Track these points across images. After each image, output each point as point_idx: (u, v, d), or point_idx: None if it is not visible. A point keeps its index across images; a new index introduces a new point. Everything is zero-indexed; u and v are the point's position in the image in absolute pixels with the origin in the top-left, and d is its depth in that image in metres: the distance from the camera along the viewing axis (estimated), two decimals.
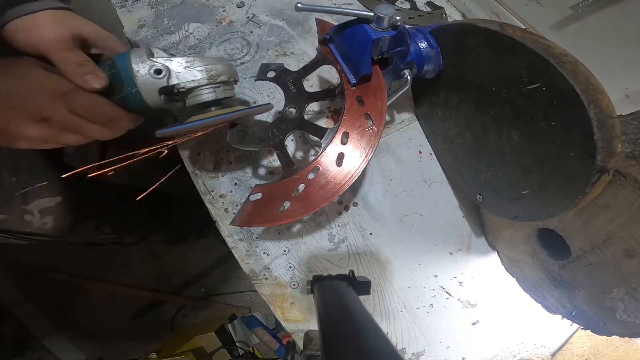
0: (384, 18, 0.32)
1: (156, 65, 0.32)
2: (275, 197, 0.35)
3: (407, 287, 0.45)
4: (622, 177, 0.29)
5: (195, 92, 0.34)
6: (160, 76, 0.32)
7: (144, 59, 0.32)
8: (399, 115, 0.52)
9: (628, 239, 0.30)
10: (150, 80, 0.32)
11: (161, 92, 0.33)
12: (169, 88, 0.33)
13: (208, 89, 0.34)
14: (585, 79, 0.27)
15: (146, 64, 0.32)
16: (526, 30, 0.32)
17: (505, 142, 0.35)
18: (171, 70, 0.33)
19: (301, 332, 0.42)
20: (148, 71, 0.31)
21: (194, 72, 0.33)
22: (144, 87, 0.32)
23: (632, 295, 0.32)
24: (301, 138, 0.49)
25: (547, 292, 0.42)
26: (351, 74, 0.37)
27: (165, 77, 0.32)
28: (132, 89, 0.31)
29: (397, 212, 0.47)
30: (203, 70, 0.34)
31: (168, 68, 0.32)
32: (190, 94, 0.34)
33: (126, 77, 0.31)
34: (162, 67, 0.32)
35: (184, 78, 0.33)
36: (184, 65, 0.33)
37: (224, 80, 0.35)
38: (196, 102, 0.34)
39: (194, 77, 0.33)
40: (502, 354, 0.46)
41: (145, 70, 0.31)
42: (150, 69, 0.31)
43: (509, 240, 0.45)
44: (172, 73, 0.33)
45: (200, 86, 0.34)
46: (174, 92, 0.34)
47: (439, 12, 0.60)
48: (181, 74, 0.33)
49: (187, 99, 0.35)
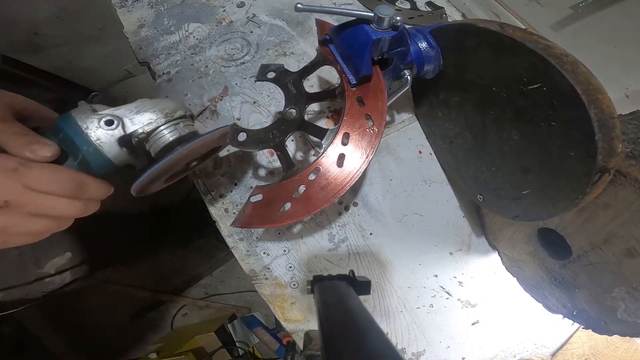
0: (384, 18, 0.32)
1: (105, 117, 0.29)
2: (275, 198, 0.35)
3: (407, 287, 0.45)
4: (623, 177, 0.29)
5: (156, 135, 0.31)
6: (113, 126, 0.29)
7: (88, 114, 0.29)
8: (399, 115, 0.52)
9: (629, 238, 0.30)
10: (104, 133, 0.29)
11: (121, 143, 0.30)
12: (127, 137, 0.30)
13: (168, 129, 0.32)
14: (586, 79, 0.27)
15: (93, 118, 0.29)
16: (526, 30, 0.32)
17: (506, 142, 0.35)
18: (122, 118, 0.30)
19: (301, 332, 0.42)
20: (98, 124, 0.29)
21: (147, 114, 0.31)
22: (100, 142, 0.29)
23: (633, 295, 0.32)
24: (301, 138, 0.49)
25: (548, 292, 0.42)
26: (351, 75, 0.37)
27: (120, 126, 0.30)
28: (89, 148, 0.29)
29: (397, 212, 0.47)
30: (155, 110, 0.31)
31: (118, 117, 0.30)
32: (152, 139, 0.31)
33: (77, 137, 0.28)
34: (112, 116, 0.30)
35: (139, 122, 0.31)
36: (133, 111, 0.31)
37: (181, 115, 0.33)
38: (160, 145, 0.31)
39: (150, 119, 0.31)
40: (502, 354, 0.46)
41: (95, 124, 0.29)
42: (99, 121, 0.29)
43: (510, 240, 0.45)
44: (124, 121, 0.30)
45: (158, 127, 0.31)
46: (134, 142, 0.31)
47: (439, 12, 0.60)
48: (135, 119, 0.31)
49: (151, 147, 0.32)
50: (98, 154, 0.29)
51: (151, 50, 0.54)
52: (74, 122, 0.29)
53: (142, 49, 0.54)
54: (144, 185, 0.31)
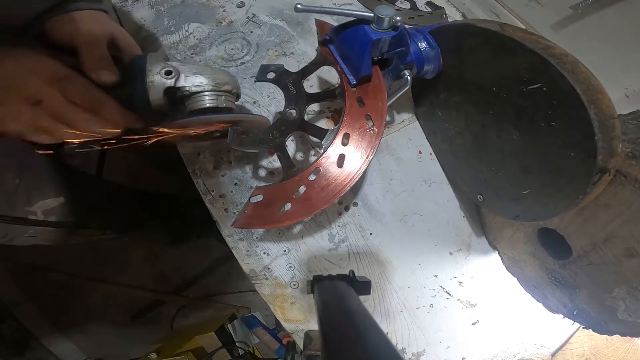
0: (384, 19, 0.32)
1: (168, 67, 0.34)
2: (276, 198, 0.35)
3: (407, 287, 0.45)
4: (623, 177, 0.29)
5: (198, 97, 0.35)
6: (169, 77, 0.33)
7: (159, 60, 0.34)
8: (399, 115, 0.52)
9: (629, 238, 0.31)
10: (159, 78, 0.33)
11: (166, 92, 0.34)
12: (174, 90, 0.34)
13: (210, 96, 0.35)
14: (586, 79, 0.27)
15: (159, 65, 0.34)
16: (526, 30, 0.32)
17: (506, 142, 0.35)
18: (180, 73, 0.34)
19: (301, 332, 0.42)
20: (159, 71, 0.33)
21: (201, 78, 0.35)
22: (152, 85, 0.33)
23: (633, 295, 0.32)
24: (301, 138, 0.49)
25: (548, 292, 0.42)
26: (351, 75, 0.37)
27: (174, 79, 0.34)
28: (140, 85, 0.33)
29: (397, 212, 0.47)
30: (209, 77, 0.35)
31: (178, 71, 0.34)
32: (193, 98, 0.35)
33: (138, 73, 0.33)
34: (173, 69, 0.34)
35: (191, 82, 0.34)
36: (193, 71, 0.35)
37: (227, 89, 0.36)
38: (197, 107, 0.35)
39: (200, 83, 0.35)
40: (502, 354, 0.46)
41: (157, 70, 0.33)
42: (162, 69, 0.33)
43: (510, 240, 0.45)
44: (180, 76, 0.34)
45: (203, 91, 0.35)
46: (178, 95, 0.35)
47: (439, 12, 0.60)
48: (189, 78, 0.34)
49: (189, 103, 0.35)
50: (143, 94, 0.33)
51: (151, 50, 0.54)
52: (143, 63, 0.33)
53: (142, 49, 0.54)
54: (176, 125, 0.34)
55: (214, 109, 0.35)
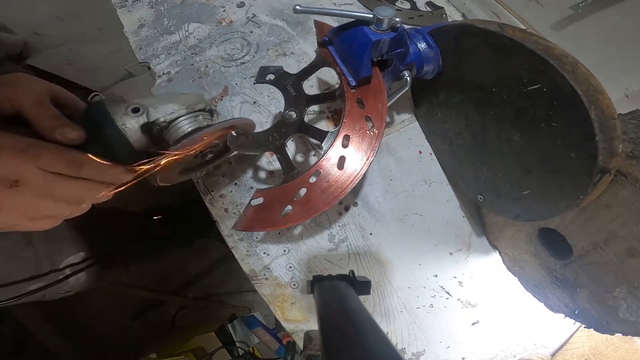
0: (383, 20, 0.32)
1: (132, 105, 0.31)
2: (276, 201, 0.35)
3: (407, 287, 0.45)
4: (623, 177, 0.29)
5: (176, 124, 0.33)
6: (139, 113, 0.31)
7: (117, 102, 0.32)
8: (399, 115, 0.52)
9: (629, 238, 0.31)
10: (129, 119, 0.31)
11: (143, 130, 0.32)
12: (150, 125, 0.32)
13: (188, 119, 0.34)
14: (586, 80, 0.27)
15: (122, 105, 0.31)
16: (526, 31, 0.32)
17: (506, 143, 0.35)
18: (147, 107, 0.32)
19: (301, 332, 0.42)
20: (126, 111, 0.31)
21: (171, 104, 0.33)
22: (125, 127, 0.31)
23: (634, 294, 0.32)
24: (301, 139, 0.49)
25: (549, 292, 0.42)
26: (351, 76, 0.37)
27: (144, 114, 0.32)
28: (114, 131, 0.30)
29: (397, 212, 0.47)
30: (179, 101, 0.34)
31: (144, 105, 0.32)
32: (171, 128, 0.33)
33: (105, 121, 0.30)
34: (138, 105, 0.32)
35: (163, 112, 0.33)
36: (159, 101, 0.33)
37: (201, 108, 0.35)
38: (180, 134, 0.33)
39: (172, 109, 0.33)
40: (502, 354, 0.46)
41: (122, 111, 0.31)
42: (127, 108, 0.31)
43: (511, 240, 0.45)
44: (149, 110, 0.32)
45: (179, 117, 0.33)
46: (155, 129, 0.33)
47: (439, 13, 0.60)
48: (159, 108, 0.32)
49: (170, 136, 0.33)
50: (122, 138, 0.31)
51: (151, 50, 0.54)
52: (103, 108, 0.31)
53: (142, 49, 0.54)
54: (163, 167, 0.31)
55: (195, 130, 0.33)
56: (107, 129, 0.30)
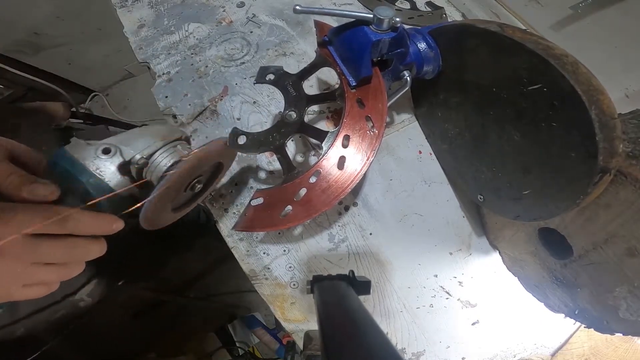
0: (383, 20, 0.32)
1: (100, 146, 0.28)
2: (276, 201, 0.35)
3: (407, 287, 0.45)
4: (623, 177, 0.29)
5: (155, 161, 0.30)
6: (111, 154, 0.28)
7: (83, 146, 0.28)
8: (399, 115, 0.52)
9: (630, 238, 0.30)
10: (102, 162, 0.28)
11: (121, 171, 0.29)
12: (127, 165, 0.29)
13: (165, 152, 0.30)
14: (586, 80, 0.27)
15: (89, 149, 0.28)
16: (526, 31, 0.32)
17: (506, 143, 0.35)
18: (118, 146, 0.29)
19: (301, 332, 0.42)
20: (95, 154, 0.28)
21: (143, 140, 0.30)
22: (100, 171, 0.28)
23: (634, 294, 0.32)
24: (301, 139, 0.49)
25: (549, 291, 0.42)
26: (351, 76, 0.37)
27: (117, 153, 0.28)
28: (89, 179, 0.27)
29: (397, 212, 0.47)
30: (151, 135, 0.30)
31: (114, 145, 0.29)
32: (151, 166, 0.30)
33: (76, 169, 0.27)
34: (107, 145, 0.28)
35: (136, 148, 0.29)
36: (131, 137, 0.30)
37: (177, 137, 0.32)
38: (162, 169, 0.30)
39: (147, 144, 0.30)
40: (502, 354, 0.46)
41: (92, 154, 0.28)
42: (96, 151, 0.28)
43: (511, 240, 0.45)
44: (121, 148, 0.29)
45: (156, 151, 0.30)
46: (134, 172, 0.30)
47: (439, 12, 0.60)
48: (131, 145, 0.29)
49: (151, 175, 0.30)
50: (100, 184, 0.27)
51: (151, 50, 0.54)
52: (69, 156, 0.27)
53: (142, 49, 0.54)
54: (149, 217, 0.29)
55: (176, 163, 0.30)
56: (81, 178, 0.27)
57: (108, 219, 0.28)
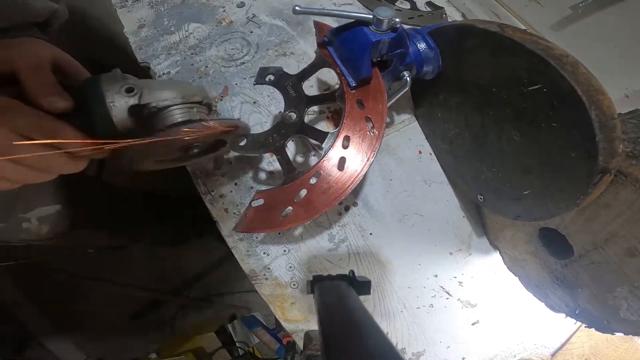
0: (383, 20, 0.32)
1: (128, 84, 0.30)
2: (277, 202, 0.35)
3: (407, 287, 0.45)
4: (623, 177, 0.29)
5: (167, 112, 0.31)
6: (132, 94, 0.30)
7: (115, 79, 0.30)
8: (399, 115, 0.52)
9: (630, 238, 0.31)
10: (120, 98, 0.30)
11: (131, 111, 0.30)
12: (140, 107, 0.31)
13: (181, 109, 0.32)
14: (586, 80, 0.27)
15: (118, 83, 0.30)
16: (526, 31, 0.32)
17: (506, 143, 0.35)
18: (143, 89, 0.31)
19: (301, 332, 0.42)
20: (119, 90, 0.30)
21: (167, 92, 0.31)
22: (113, 106, 0.29)
23: (635, 294, 0.32)
24: (301, 140, 0.49)
25: (550, 291, 0.42)
26: (351, 77, 0.37)
27: (137, 95, 0.30)
28: (100, 108, 0.29)
29: (397, 212, 0.47)
30: (176, 90, 0.32)
31: (140, 87, 0.30)
32: (162, 114, 0.31)
33: (94, 96, 0.29)
34: (135, 86, 0.30)
35: (156, 97, 0.31)
36: (157, 86, 0.31)
37: (197, 100, 0.33)
38: (168, 123, 0.31)
39: (167, 97, 0.31)
40: (502, 354, 0.46)
41: (116, 89, 0.30)
42: (121, 87, 0.30)
43: (511, 240, 0.45)
44: (144, 92, 0.30)
45: (172, 105, 0.31)
46: (145, 113, 0.31)
47: (439, 13, 0.60)
48: (153, 93, 0.31)
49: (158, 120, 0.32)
50: (106, 116, 0.29)
51: (151, 50, 0.54)
52: (98, 84, 0.30)
53: (142, 49, 0.54)
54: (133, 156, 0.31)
55: (185, 122, 0.31)
56: (94, 104, 0.29)
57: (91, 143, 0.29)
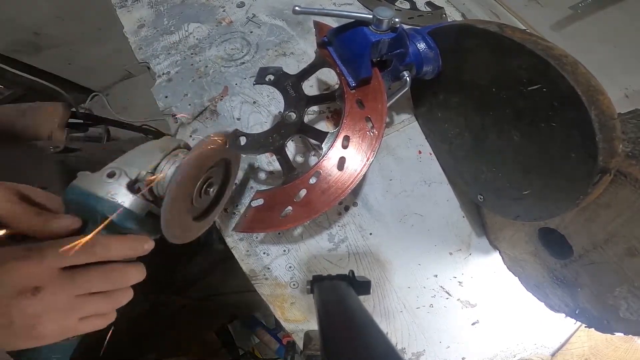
0: (383, 20, 0.32)
1: (105, 171, 0.29)
2: (277, 202, 0.35)
3: (406, 287, 0.45)
4: (623, 177, 0.29)
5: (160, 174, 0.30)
6: (116, 176, 0.29)
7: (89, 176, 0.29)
8: (399, 115, 0.52)
9: (630, 238, 0.30)
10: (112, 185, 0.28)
11: (131, 189, 0.29)
12: (134, 183, 0.30)
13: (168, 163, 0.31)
14: (586, 80, 0.27)
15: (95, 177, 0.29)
16: (525, 31, 0.32)
17: (506, 143, 0.35)
18: (121, 167, 0.29)
19: (301, 332, 0.42)
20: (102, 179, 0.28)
21: (143, 156, 0.30)
22: (112, 194, 0.28)
23: (634, 294, 0.32)
24: (301, 140, 0.49)
25: (550, 291, 0.42)
26: (350, 77, 0.37)
27: (123, 174, 0.29)
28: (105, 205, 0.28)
29: (397, 212, 0.47)
30: (149, 150, 0.31)
31: (117, 167, 0.29)
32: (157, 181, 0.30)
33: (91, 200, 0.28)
34: (110, 168, 0.29)
35: (138, 165, 0.30)
36: (128, 157, 0.31)
37: (175, 146, 0.32)
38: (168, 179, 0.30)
39: (148, 159, 0.30)
40: (502, 354, 0.46)
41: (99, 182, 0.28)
42: (102, 176, 0.28)
43: (511, 240, 0.45)
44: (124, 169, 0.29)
45: (159, 164, 0.31)
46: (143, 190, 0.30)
47: (438, 13, 0.60)
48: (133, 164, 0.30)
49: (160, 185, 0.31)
50: (115, 206, 0.28)
51: (151, 50, 0.54)
52: (80, 188, 0.28)
53: (142, 49, 0.54)
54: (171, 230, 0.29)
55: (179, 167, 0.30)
56: (97, 206, 0.27)
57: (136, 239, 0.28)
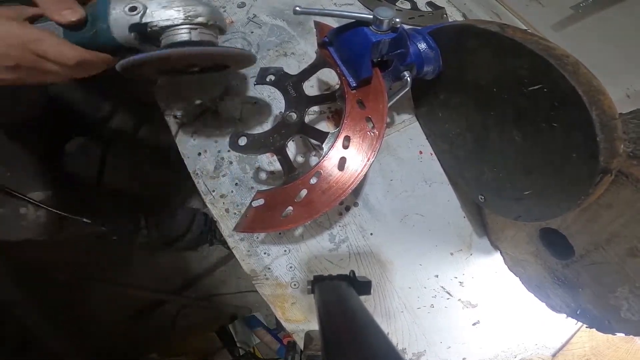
0: (383, 20, 0.32)
1: (133, 3, 0.32)
2: (277, 202, 0.35)
3: (407, 287, 0.45)
4: (624, 177, 0.29)
5: (170, 31, 0.33)
6: (134, 13, 0.32)
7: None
8: (399, 115, 0.52)
9: (631, 238, 0.30)
10: (122, 16, 0.32)
11: (132, 29, 0.32)
12: (142, 26, 0.33)
13: (184, 30, 0.33)
14: (587, 80, 0.27)
15: (124, 2, 0.32)
16: (526, 31, 0.32)
17: (507, 143, 0.35)
18: (147, 7, 0.32)
19: (302, 332, 0.42)
20: (123, 8, 0.32)
21: (171, 11, 0.33)
22: (115, 23, 0.32)
23: (636, 294, 0.32)
24: (301, 139, 0.49)
25: (551, 291, 0.42)
26: (351, 77, 0.37)
27: (139, 15, 0.32)
28: (104, 25, 0.32)
29: (398, 212, 0.47)
30: (180, 9, 0.33)
31: (144, 6, 0.32)
32: (165, 33, 0.33)
33: (101, 13, 0.32)
34: (139, 4, 0.32)
35: (159, 16, 0.32)
36: (162, 4, 0.33)
37: (201, 22, 0.33)
38: (169, 41, 0.33)
39: (169, 16, 0.32)
40: (503, 355, 0.46)
41: (120, 7, 0.32)
42: (126, 6, 0.32)
43: (512, 240, 0.45)
44: (147, 11, 0.32)
45: (174, 25, 0.33)
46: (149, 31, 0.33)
47: (439, 13, 0.60)
48: (157, 12, 0.32)
49: (162, 39, 0.34)
50: (108, 32, 0.32)
51: None
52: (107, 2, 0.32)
53: None
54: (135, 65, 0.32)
55: (187, 43, 0.33)
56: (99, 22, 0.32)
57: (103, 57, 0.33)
